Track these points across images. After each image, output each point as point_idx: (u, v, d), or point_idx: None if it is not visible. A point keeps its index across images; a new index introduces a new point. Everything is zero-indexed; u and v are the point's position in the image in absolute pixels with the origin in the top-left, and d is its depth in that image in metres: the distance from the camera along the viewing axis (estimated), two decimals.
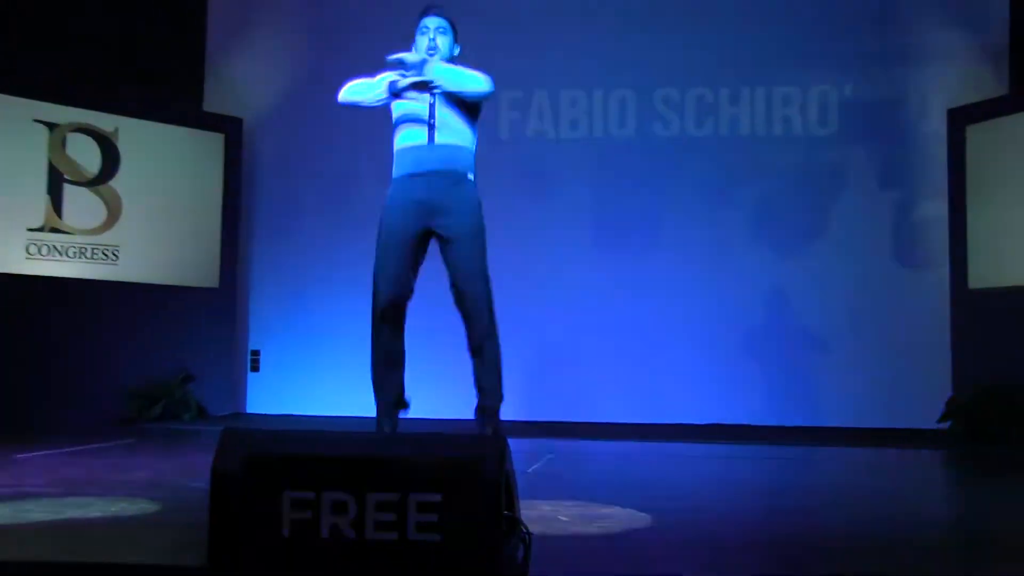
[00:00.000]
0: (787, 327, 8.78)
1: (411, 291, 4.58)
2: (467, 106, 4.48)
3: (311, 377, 9.22)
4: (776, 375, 8.74)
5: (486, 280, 4.55)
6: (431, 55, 4.37)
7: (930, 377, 8.38)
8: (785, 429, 8.30)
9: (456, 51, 4.51)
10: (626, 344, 8.81)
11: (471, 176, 4.49)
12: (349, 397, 9.02)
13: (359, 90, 4.62)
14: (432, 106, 4.36)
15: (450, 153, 4.37)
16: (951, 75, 8.76)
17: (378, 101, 4.51)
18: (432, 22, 4.51)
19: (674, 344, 8.81)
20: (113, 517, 3.91)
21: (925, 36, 8.83)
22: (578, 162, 9.11)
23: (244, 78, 9.56)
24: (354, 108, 9.22)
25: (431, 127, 4.31)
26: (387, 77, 4.60)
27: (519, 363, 8.96)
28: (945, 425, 7.95)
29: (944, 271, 8.51)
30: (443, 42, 4.49)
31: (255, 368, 9.45)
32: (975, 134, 8.28)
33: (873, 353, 8.62)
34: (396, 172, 4.60)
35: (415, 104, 4.41)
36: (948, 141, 8.50)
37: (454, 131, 4.37)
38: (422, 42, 4.45)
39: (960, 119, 8.41)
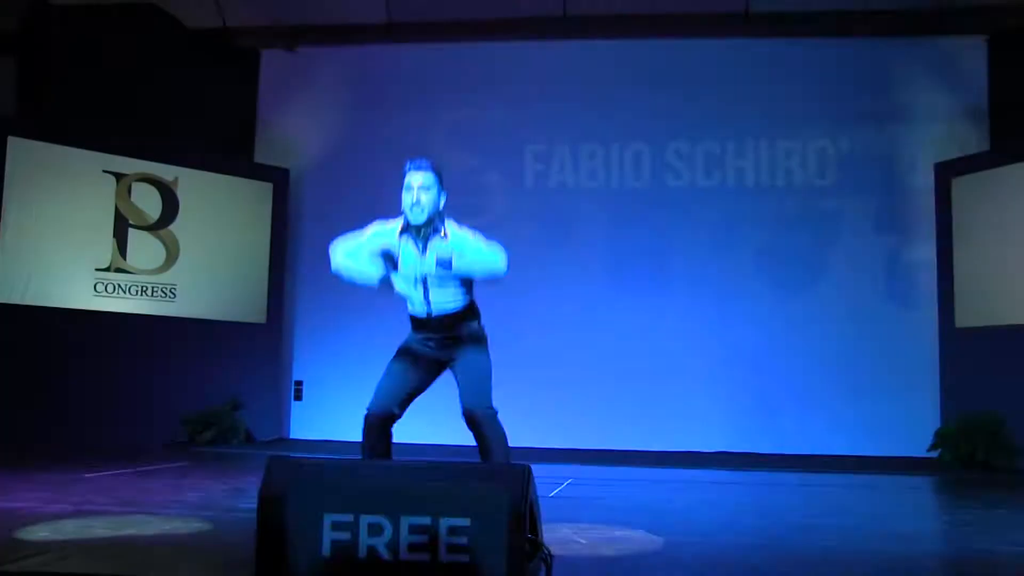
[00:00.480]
0: (788, 362, 8.72)
1: (399, 413, 4.24)
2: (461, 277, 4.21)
3: (350, 405, 9.09)
4: (777, 406, 8.66)
5: (484, 387, 4.25)
6: (416, 215, 4.00)
7: (920, 409, 8.29)
8: (785, 457, 8.21)
9: (442, 202, 4.12)
10: (640, 376, 8.76)
11: (473, 324, 4.23)
12: None
13: (351, 268, 4.26)
14: (425, 290, 4.11)
15: (447, 320, 4.14)
16: (937, 132, 8.76)
17: (370, 285, 4.16)
18: (416, 179, 4.05)
19: (684, 377, 8.76)
20: (169, 535, 3.91)
21: (914, 97, 8.84)
22: (596, 210, 9.12)
23: (291, 133, 9.65)
24: (391, 158, 9.28)
25: (428, 304, 4.10)
26: (372, 243, 4.22)
27: (541, 394, 8.97)
28: (934, 454, 7.85)
29: (932, 310, 8.44)
30: (427, 199, 4.03)
31: (298, 397, 9.45)
32: (960, 186, 8.26)
33: (867, 386, 8.53)
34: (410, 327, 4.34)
35: (409, 287, 4.13)
36: (935, 192, 8.48)
37: (448, 298, 4.13)
38: (407, 199, 4.04)
39: (946, 172, 8.39)
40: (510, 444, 4.03)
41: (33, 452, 6.82)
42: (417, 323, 4.28)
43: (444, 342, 4.22)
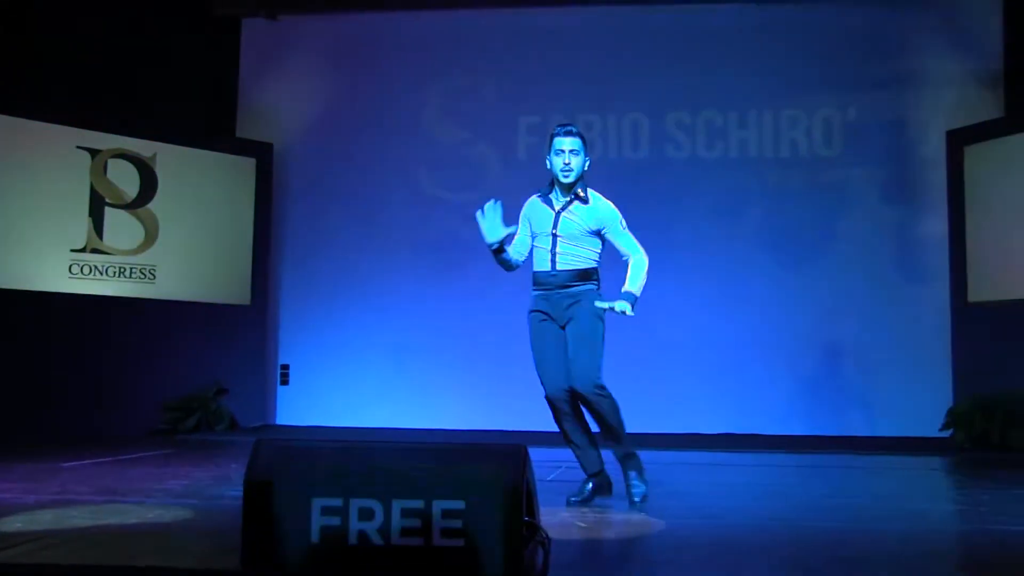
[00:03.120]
0: (794, 340, 8.72)
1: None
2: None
3: (338, 390, 9.21)
4: (783, 386, 8.67)
5: (592, 364, 4.68)
6: (565, 176, 4.56)
7: (932, 387, 8.31)
8: (792, 438, 8.23)
9: (587, 165, 4.68)
10: (640, 356, 8.74)
11: (592, 289, 4.74)
12: (375, 409, 9.04)
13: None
14: (554, 245, 4.62)
15: (570, 275, 4.65)
16: (949, 99, 8.73)
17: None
18: (566, 144, 4.57)
19: (686, 356, 8.76)
20: (150, 523, 3.91)
21: (924, 62, 8.81)
22: (594, 183, 9.03)
23: (275, 106, 9.60)
24: (380, 131, 9.23)
25: (554, 259, 4.63)
26: (523, 223, 4.79)
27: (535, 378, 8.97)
28: (947, 434, 7.87)
29: (944, 285, 8.45)
30: (576, 162, 4.58)
31: (284, 381, 9.45)
32: (972, 154, 8.23)
33: (877, 364, 8.55)
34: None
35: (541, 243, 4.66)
36: (947, 161, 8.46)
37: (573, 257, 4.66)
38: (557, 162, 4.57)
39: (958, 140, 8.37)
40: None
41: (8, 442, 6.80)
42: (540, 279, 4.68)
43: (562, 301, 4.62)
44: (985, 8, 8.70)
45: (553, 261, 4.65)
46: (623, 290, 4.67)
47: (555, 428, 4.94)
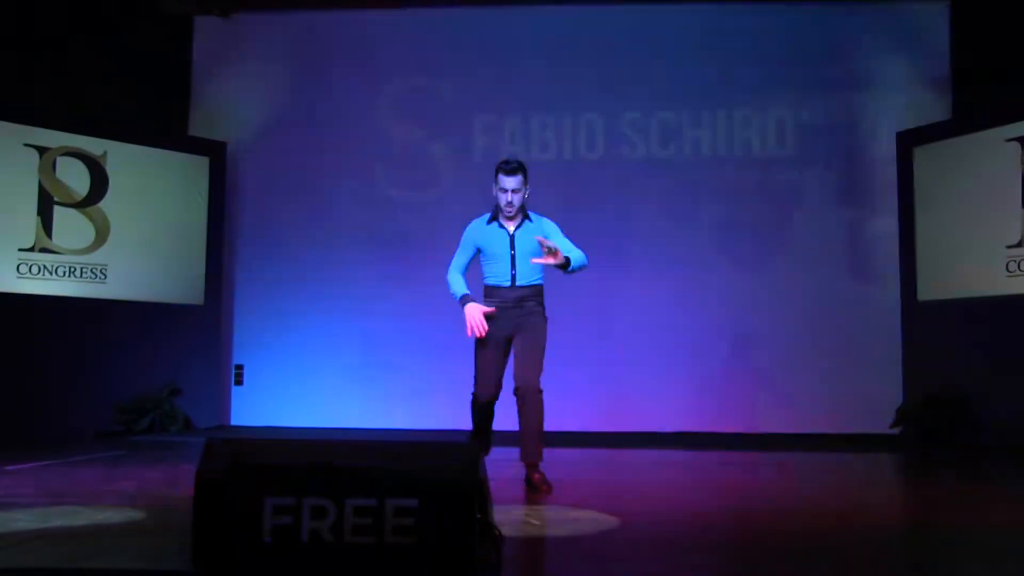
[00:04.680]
0: (747, 338, 8.82)
1: (497, 392, 5.14)
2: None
3: (293, 390, 9.17)
4: (736, 384, 8.76)
5: (537, 367, 5.08)
6: (508, 213, 4.99)
7: (882, 384, 8.44)
8: (744, 435, 8.33)
9: (527, 194, 5.05)
10: (593, 355, 8.80)
11: (541, 301, 5.20)
12: (330, 409, 9.02)
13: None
14: (513, 264, 5.03)
15: (525, 290, 5.09)
16: (899, 101, 8.89)
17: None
18: (509, 183, 4.95)
19: (639, 355, 8.82)
20: (99, 525, 3.86)
21: (875, 65, 8.96)
22: (549, 183, 9.10)
23: (228, 104, 9.53)
24: (333, 130, 9.27)
25: (513, 276, 5.05)
26: (468, 245, 5.17)
27: None
28: (897, 431, 8.01)
29: (895, 284, 8.58)
30: (518, 198, 4.98)
31: (239, 382, 9.39)
32: (921, 155, 8.39)
33: (829, 362, 8.68)
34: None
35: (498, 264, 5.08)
36: (897, 162, 8.61)
37: (530, 272, 5.07)
38: (502, 198, 4.97)
39: (907, 141, 8.52)
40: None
41: None
42: (497, 294, 5.07)
43: (513, 312, 5.02)
44: (933, 13, 8.88)
45: (513, 278, 5.04)
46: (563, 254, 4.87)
47: (511, 427, 5.04)
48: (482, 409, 5.18)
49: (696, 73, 9.05)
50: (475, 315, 4.95)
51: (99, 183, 8.45)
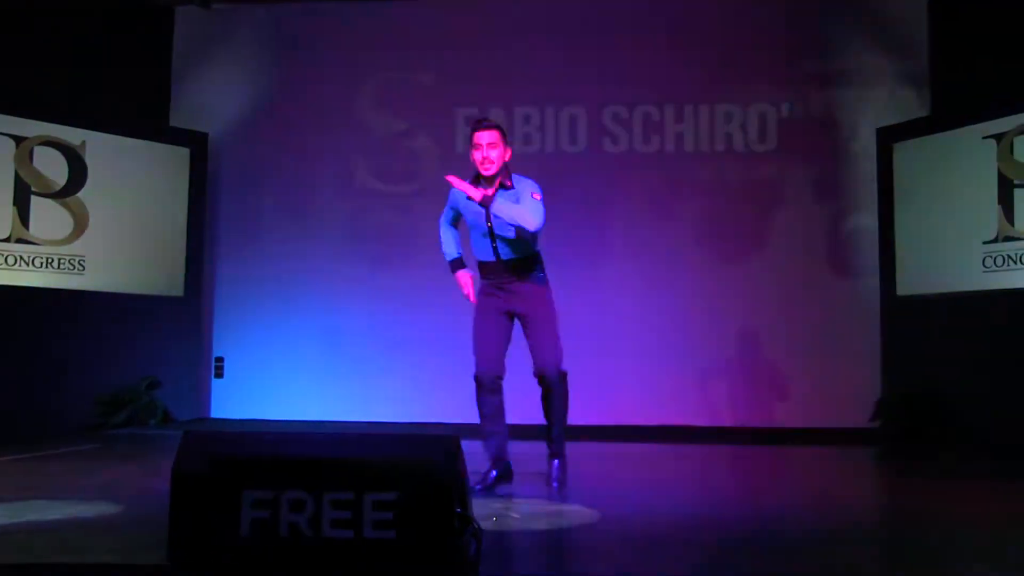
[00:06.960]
0: (728, 332, 8.83)
1: (502, 371, 4.89)
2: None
3: (274, 383, 9.12)
4: (717, 378, 8.78)
5: (555, 347, 4.90)
6: (487, 170, 4.75)
7: (861, 379, 8.46)
8: (725, 429, 8.35)
9: (508, 155, 4.84)
10: (573, 349, 8.76)
11: (538, 274, 5.00)
12: (311, 402, 8.97)
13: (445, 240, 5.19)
14: (494, 237, 4.85)
15: (514, 264, 4.92)
16: (879, 97, 8.90)
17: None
18: (483, 138, 4.74)
19: (621, 349, 8.82)
20: (72, 519, 3.82)
21: (855, 61, 8.97)
22: (531, 176, 9.09)
23: (209, 94, 9.45)
24: (315, 121, 9.24)
25: (495, 250, 4.87)
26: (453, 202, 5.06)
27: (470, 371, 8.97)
28: (875, 425, 8.04)
29: (874, 279, 8.60)
30: (495, 155, 4.75)
31: (219, 374, 9.33)
32: (901, 151, 8.41)
33: (808, 356, 8.69)
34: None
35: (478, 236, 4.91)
36: (877, 157, 8.62)
37: (515, 245, 4.89)
38: (477, 156, 4.76)
39: (887, 137, 8.54)
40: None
41: None
42: (485, 268, 4.90)
43: (510, 288, 4.84)
44: (912, 8, 8.89)
45: (496, 252, 4.85)
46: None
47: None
48: (486, 392, 4.85)
49: (679, 68, 9.03)
50: (465, 284, 5.01)
51: (77, 173, 8.36)
